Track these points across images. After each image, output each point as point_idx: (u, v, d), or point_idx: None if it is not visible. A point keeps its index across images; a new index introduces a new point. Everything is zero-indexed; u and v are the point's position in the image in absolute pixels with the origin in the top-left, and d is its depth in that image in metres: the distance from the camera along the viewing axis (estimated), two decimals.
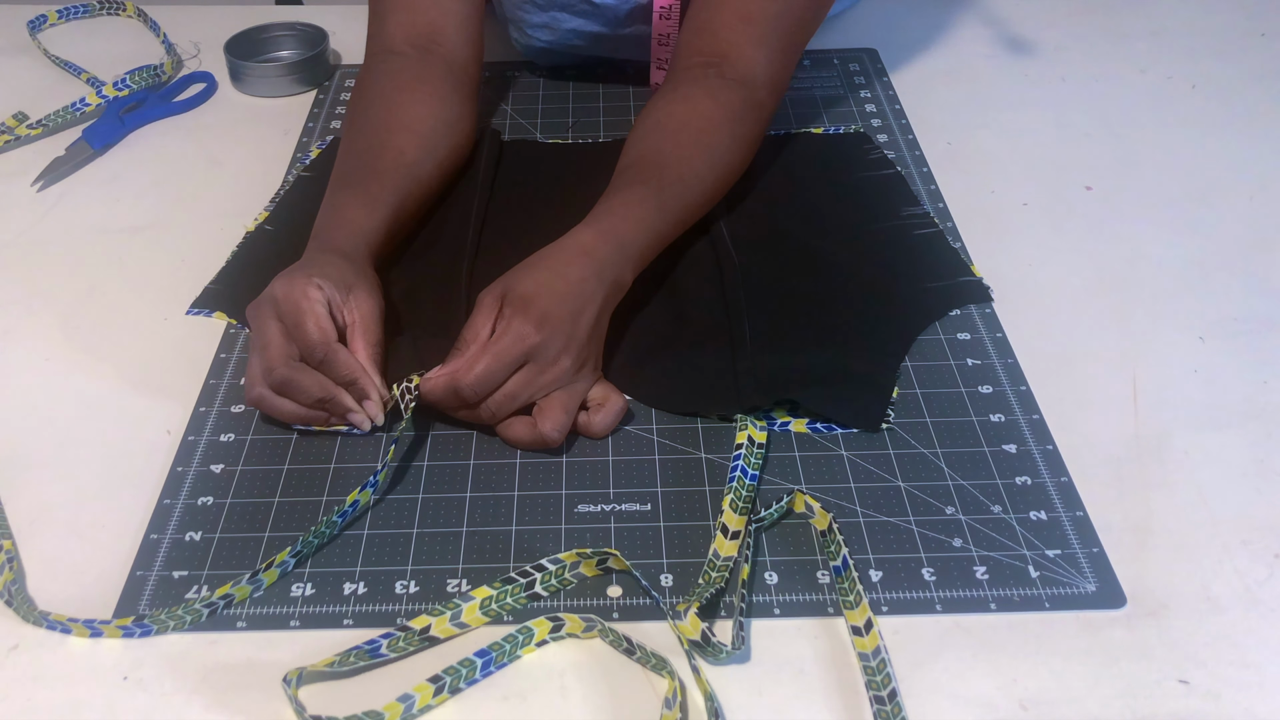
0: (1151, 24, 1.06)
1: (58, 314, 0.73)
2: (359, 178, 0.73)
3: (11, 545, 0.57)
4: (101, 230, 0.80)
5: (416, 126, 0.76)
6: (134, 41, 1.04)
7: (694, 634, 0.51)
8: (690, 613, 0.51)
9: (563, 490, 0.60)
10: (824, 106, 0.93)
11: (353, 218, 0.70)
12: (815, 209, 0.80)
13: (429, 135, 0.77)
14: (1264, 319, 0.71)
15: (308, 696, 0.50)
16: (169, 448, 0.63)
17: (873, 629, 0.52)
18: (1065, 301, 0.73)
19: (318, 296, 0.62)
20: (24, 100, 0.93)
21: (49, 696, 0.51)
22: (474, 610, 0.53)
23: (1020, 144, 0.89)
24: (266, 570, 0.54)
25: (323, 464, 0.62)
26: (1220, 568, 0.56)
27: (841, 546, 0.55)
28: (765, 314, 0.69)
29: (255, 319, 0.63)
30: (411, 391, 0.61)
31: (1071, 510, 0.58)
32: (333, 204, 0.71)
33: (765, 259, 0.74)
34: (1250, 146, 0.88)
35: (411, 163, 0.75)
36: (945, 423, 0.63)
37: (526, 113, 0.93)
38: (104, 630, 0.53)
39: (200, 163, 0.88)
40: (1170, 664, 0.51)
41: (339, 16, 1.06)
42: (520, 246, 0.69)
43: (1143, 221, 0.80)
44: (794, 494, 0.58)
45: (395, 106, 0.77)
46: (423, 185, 0.76)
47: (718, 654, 0.51)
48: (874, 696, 0.49)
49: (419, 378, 0.62)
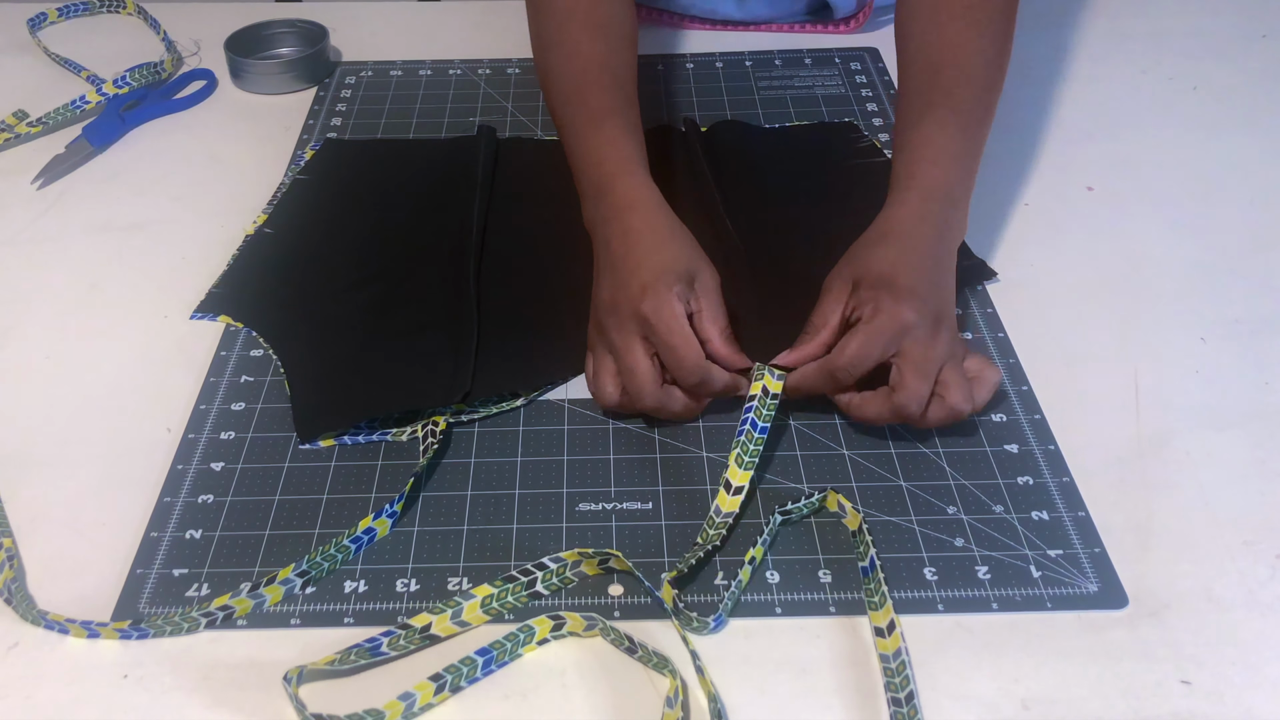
0: (1152, 25, 1.06)
1: (58, 312, 0.73)
2: (608, 107, 0.70)
3: (11, 543, 0.57)
4: (102, 228, 0.80)
5: (613, 28, 0.76)
6: (134, 39, 1.04)
7: (668, 600, 0.52)
8: (666, 580, 0.52)
9: (564, 489, 0.60)
10: (825, 105, 0.93)
11: (634, 156, 0.68)
12: (811, 198, 0.80)
13: (623, 34, 0.76)
14: (1265, 320, 0.71)
15: (309, 695, 0.50)
16: (169, 445, 0.63)
17: (895, 630, 0.52)
18: (1067, 301, 0.73)
19: (681, 311, 0.60)
20: (24, 98, 0.93)
21: (49, 694, 0.51)
22: (475, 608, 0.53)
23: (1021, 144, 0.89)
24: (269, 585, 0.54)
25: (323, 462, 0.61)
26: (1222, 568, 0.56)
27: (870, 547, 0.55)
28: (771, 303, 0.69)
29: (620, 333, 0.60)
30: (436, 435, 0.61)
31: (1073, 510, 0.58)
32: (609, 145, 0.68)
33: (766, 249, 0.74)
34: (1251, 148, 0.88)
35: (626, 65, 0.75)
36: None
37: (527, 110, 0.93)
38: (101, 632, 0.53)
39: (200, 160, 0.88)
40: (1172, 664, 0.51)
41: (339, 13, 1.06)
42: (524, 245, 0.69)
43: (1144, 222, 0.80)
44: (826, 492, 0.58)
45: (587, 16, 0.75)
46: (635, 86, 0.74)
47: (689, 623, 0.52)
48: (892, 698, 0.49)
49: (444, 420, 0.62)
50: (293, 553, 0.56)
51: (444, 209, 0.79)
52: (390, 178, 0.84)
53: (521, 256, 0.75)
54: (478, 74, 0.98)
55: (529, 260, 0.75)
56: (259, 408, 0.65)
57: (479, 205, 0.79)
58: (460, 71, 0.99)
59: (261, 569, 0.56)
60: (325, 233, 0.78)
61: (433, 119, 0.92)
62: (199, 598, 0.54)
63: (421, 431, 0.62)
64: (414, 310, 0.70)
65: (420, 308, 0.70)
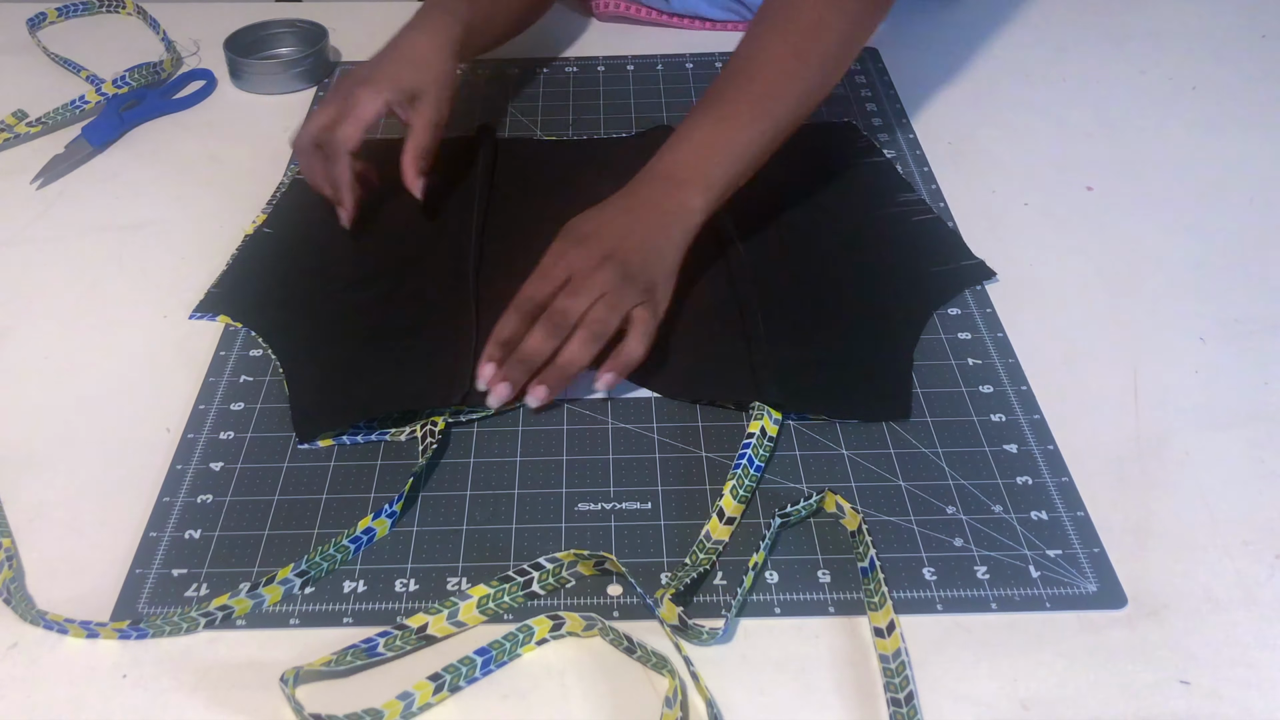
0: (1152, 25, 1.06)
1: (57, 312, 0.73)
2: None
3: (11, 543, 0.57)
4: (101, 228, 0.80)
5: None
6: (133, 39, 1.04)
7: (671, 619, 0.51)
8: (666, 599, 0.51)
9: (563, 489, 0.60)
10: (824, 105, 0.92)
11: (450, 7, 0.80)
12: (812, 199, 0.80)
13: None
14: (1265, 320, 0.71)
15: (309, 694, 0.50)
16: (168, 445, 0.63)
17: (895, 631, 0.52)
18: (1066, 301, 0.73)
19: (372, 111, 0.74)
20: (23, 98, 0.93)
21: (48, 694, 0.51)
22: (471, 609, 0.53)
23: (1021, 144, 0.89)
24: (268, 585, 0.54)
25: (322, 461, 0.61)
26: (1221, 568, 0.56)
27: (870, 548, 0.55)
28: (775, 305, 0.69)
29: (331, 92, 0.77)
30: (435, 435, 0.61)
31: (1072, 510, 0.58)
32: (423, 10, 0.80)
33: (769, 251, 0.74)
34: (1251, 148, 0.88)
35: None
36: (946, 422, 0.63)
37: (527, 110, 0.93)
38: (100, 632, 0.53)
39: (200, 160, 0.88)
40: (1171, 664, 0.51)
41: (338, 13, 1.06)
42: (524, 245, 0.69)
43: (1144, 222, 0.80)
44: (824, 493, 0.58)
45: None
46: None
47: (698, 636, 0.51)
48: (891, 699, 0.49)
49: (443, 421, 0.62)
50: (292, 553, 0.56)
51: (443, 209, 0.79)
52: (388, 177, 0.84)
53: (521, 257, 0.75)
54: (478, 74, 0.98)
55: (528, 261, 0.75)
56: (258, 408, 0.65)
57: (478, 205, 0.79)
58: (460, 72, 0.99)
59: (260, 569, 0.56)
60: (324, 233, 0.78)
61: None
62: (198, 598, 0.54)
63: (420, 432, 0.62)
64: (413, 310, 0.70)
65: (419, 308, 0.70)
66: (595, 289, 0.63)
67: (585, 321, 0.62)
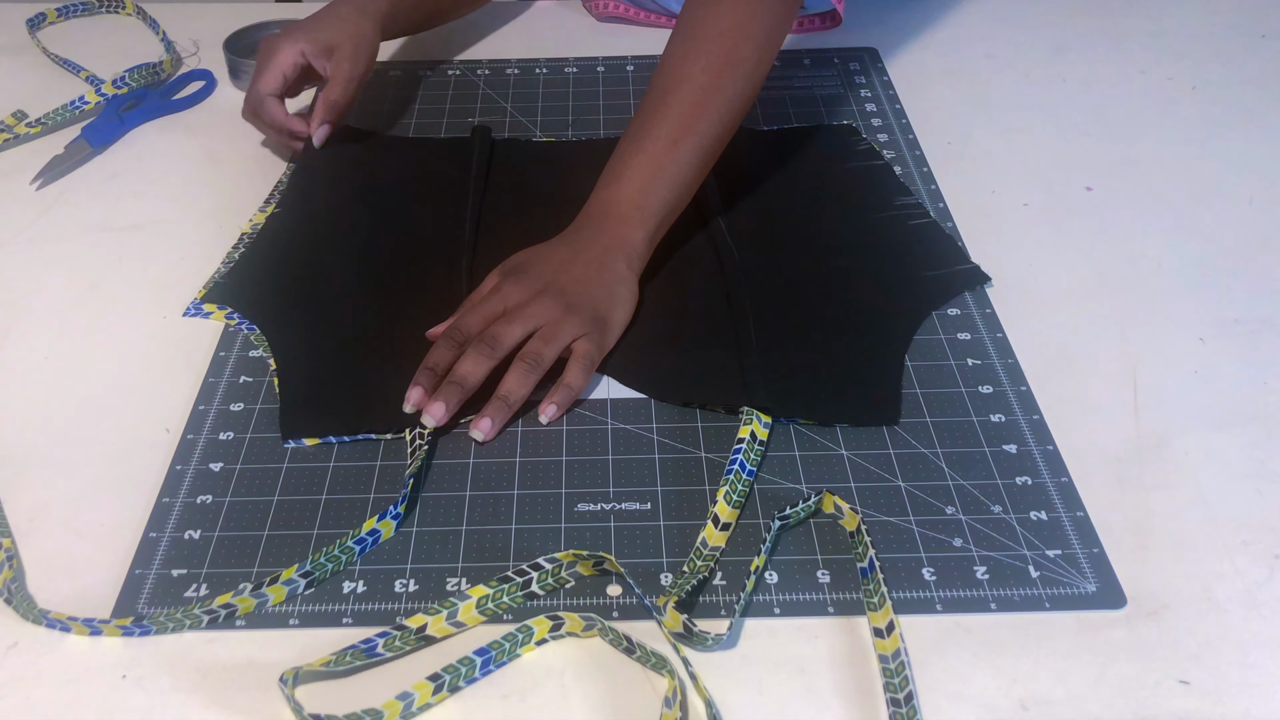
0: (1151, 25, 1.06)
1: (57, 312, 0.73)
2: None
3: (11, 543, 0.57)
4: (101, 228, 0.80)
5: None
6: (133, 39, 1.04)
7: (676, 626, 0.51)
8: (669, 607, 0.51)
9: (562, 489, 0.60)
10: (824, 106, 0.93)
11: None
12: (810, 202, 0.80)
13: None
14: (1264, 320, 0.71)
15: (308, 694, 0.50)
16: (168, 446, 0.63)
17: (894, 631, 0.52)
18: (1066, 302, 0.73)
19: (289, 59, 0.80)
20: (23, 98, 0.93)
21: (48, 694, 0.51)
22: (470, 609, 0.53)
23: (1020, 144, 0.89)
24: (272, 585, 0.54)
25: (322, 462, 0.61)
26: (1221, 568, 0.56)
27: (869, 548, 0.55)
28: (768, 308, 0.69)
29: (258, 53, 0.83)
30: (425, 437, 0.61)
31: (1072, 510, 0.58)
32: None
33: (764, 253, 0.74)
34: (1251, 148, 0.88)
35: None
36: (945, 423, 0.63)
37: (526, 110, 0.93)
38: (103, 629, 0.53)
39: (199, 160, 0.88)
40: (1171, 664, 0.51)
41: None
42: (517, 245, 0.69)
43: (1143, 222, 0.80)
44: (823, 494, 0.58)
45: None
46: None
47: (703, 642, 0.51)
48: (890, 699, 0.49)
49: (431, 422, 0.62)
50: (291, 553, 0.56)
51: (438, 210, 0.79)
52: (386, 176, 0.84)
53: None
54: (476, 74, 0.99)
55: None
56: (258, 408, 0.65)
57: (472, 207, 0.79)
58: (459, 72, 0.99)
59: (260, 569, 0.56)
60: (322, 230, 0.78)
61: (431, 120, 0.92)
62: (198, 598, 0.54)
63: (409, 435, 0.62)
64: (406, 315, 0.70)
65: (413, 311, 0.70)
66: (531, 320, 0.63)
67: (522, 353, 0.63)
